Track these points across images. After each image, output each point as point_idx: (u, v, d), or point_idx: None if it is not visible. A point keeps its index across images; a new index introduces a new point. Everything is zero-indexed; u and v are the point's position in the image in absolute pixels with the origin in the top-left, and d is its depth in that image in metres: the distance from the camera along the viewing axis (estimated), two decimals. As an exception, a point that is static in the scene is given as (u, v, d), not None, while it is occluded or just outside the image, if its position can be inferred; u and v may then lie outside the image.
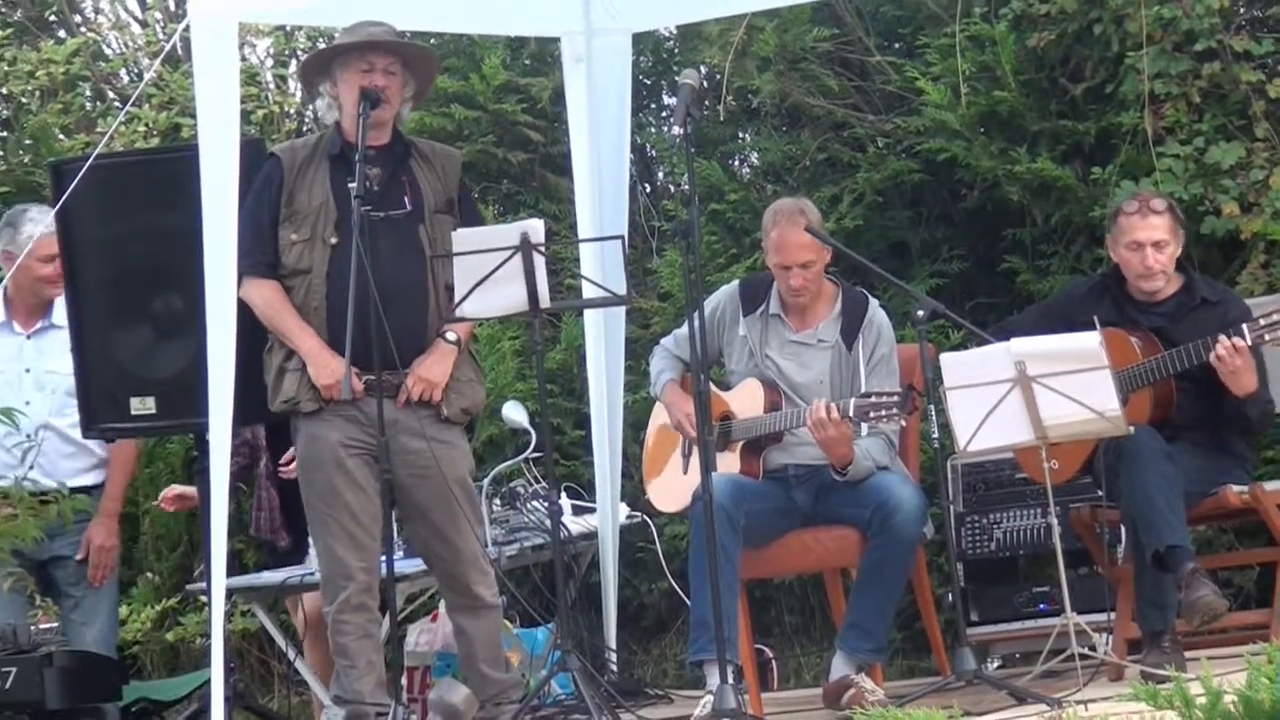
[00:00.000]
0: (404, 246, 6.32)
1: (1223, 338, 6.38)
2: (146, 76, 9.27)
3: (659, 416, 7.21)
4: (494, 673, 6.52)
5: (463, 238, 6.17)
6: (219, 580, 6.06)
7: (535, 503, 7.50)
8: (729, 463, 6.90)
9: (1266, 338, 6.38)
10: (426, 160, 6.50)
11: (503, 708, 6.46)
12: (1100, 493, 6.66)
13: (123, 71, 10.18)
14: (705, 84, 8.77)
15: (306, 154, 6.44)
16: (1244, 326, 6.38)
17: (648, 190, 9.41)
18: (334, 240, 6.28)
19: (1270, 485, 6.70)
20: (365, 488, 6.29)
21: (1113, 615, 6.74)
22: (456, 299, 6.15)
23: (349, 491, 6.27)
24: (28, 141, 9.91)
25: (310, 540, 6.93)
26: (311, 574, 7.18)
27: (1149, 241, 6.68)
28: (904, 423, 6.70)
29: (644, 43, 8.97)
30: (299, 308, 6.35)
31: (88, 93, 10.05)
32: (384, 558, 6.26)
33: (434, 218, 6.41)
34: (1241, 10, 8.05)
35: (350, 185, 6.15)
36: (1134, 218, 6.69)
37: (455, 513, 6.38)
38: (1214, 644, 6.68)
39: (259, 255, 6.37)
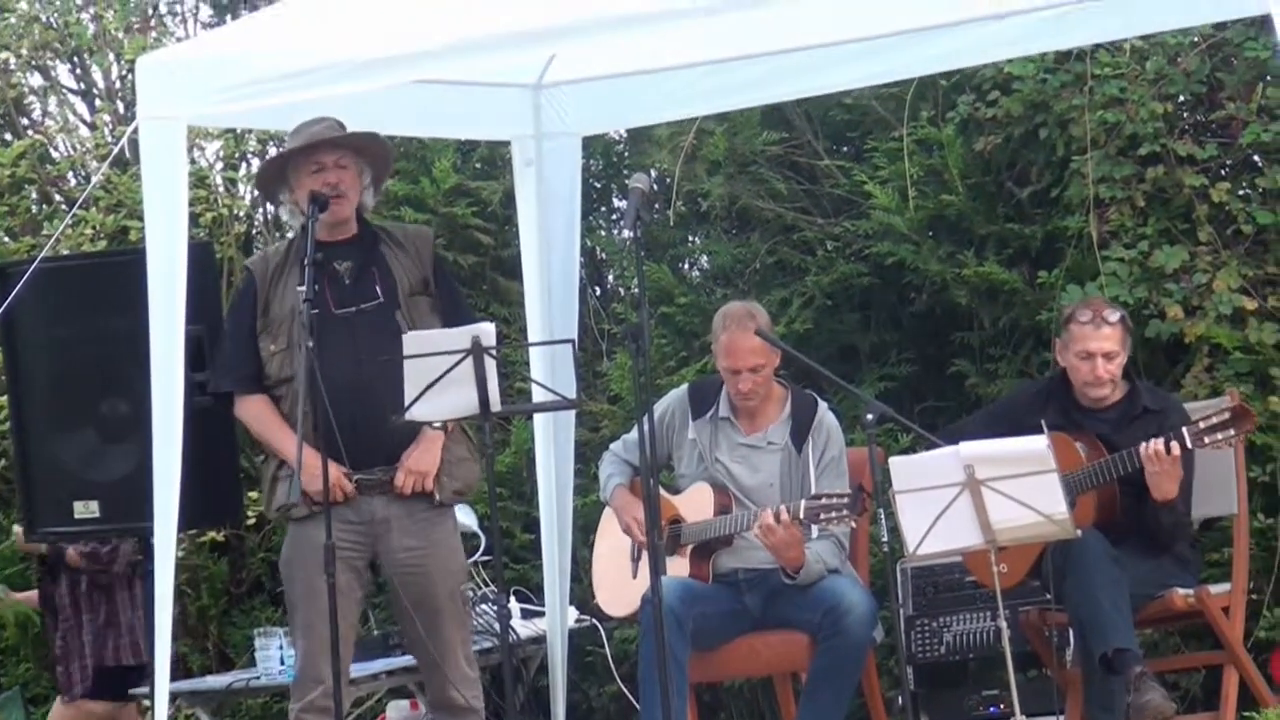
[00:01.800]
0: (381, 336, 6.30)
1: (1161, 440, 6.41)
2: (94, 179, 9.25)
3: (608, 521, 7.19)
4: None
5: (413, 340, 6.15)
6: (163, 684, 6.01)
7: (484, 606, 7.47)
8: (679, 566, 6.88)
9: (1205, 440, 6.40)
10: (398, 244, 6.50)
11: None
12: (1048, 596, 6.67)
13: (70, 174, 10.16)
14: (655, 187, 8.81)
15: (279, 261, 6.44)
16: (1184, 430, 6.41)
17: (598, 293, 9.42)
18: (310, 344, 6.23)
19: (1215, 589, 6.72)
20: (345, 592, 6.23)
21: (1062, 718, 6.73)
22: (406, 401, 6.12)
23: (328, 593, 6.21)
24: (-28, 243, 9.88)
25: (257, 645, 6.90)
26: (258, 678, 7.12)
27: (1100, 352, 6.71)
28: (854, 524, 6.70)
29: (594, 146, 9.01)
30: (287, 416, 6.33)
31: (34, 195, 10.03)
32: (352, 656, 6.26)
33: (410, 301, 6.41)
34: (1185, 115, 8.12)
35: (299, 289, 6.14)
36: (1087, 327, 6.72)
37: (440, 610, 6.36)
38: (1162, 748, 6.67)
39: (242, 370, 6.40)
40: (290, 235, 6.61)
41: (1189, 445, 6.40)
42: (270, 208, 9.83)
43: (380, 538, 6.33)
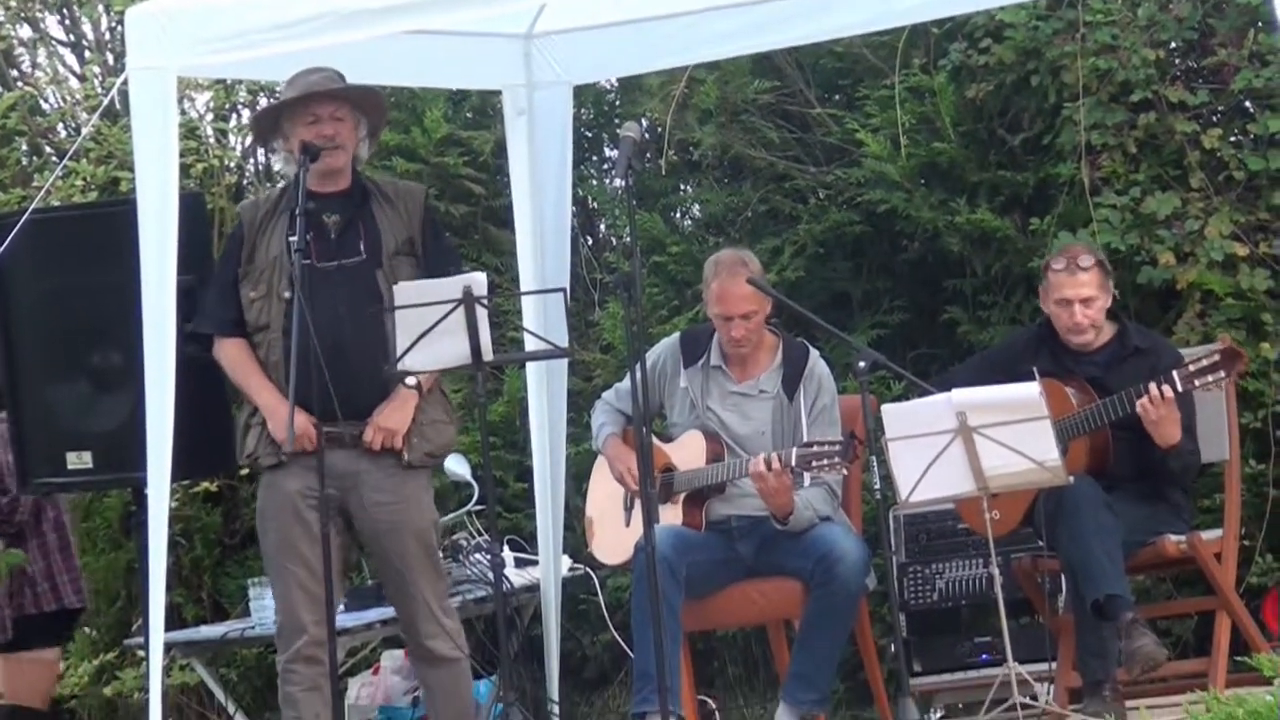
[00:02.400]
0: (361, 294, 6.29)
1: (1152, 387, 6.42)
2: (84, 130, 9.22)
3: (601, 469, 7.20)
4: None
5: (405, 291, 6.15)
6: (157, 634, 6.02)
7: (478, 555, 7.48)
8: (671, 514, 6.90)
9: (1196, 384, 6.41)
10: (388, 200, 6.47)
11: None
12: (1041, 543, 6.68)
13: (60, 126, 10.13)
14: (646, 136, 8.80)
15: (268, 209, 6.42)
16: (1174, 374, 6.42)
17: (589, 243, 9.41)
18: (287, 294, 6.19)
19: (1207, 535, 6.74)
20: (319, 541, 6.22)
21: (1054, 665, 6.77)
22: (398, 352, 6.12)
23: (304, 543, 6.21)
24: (-38, 196, 9.84)
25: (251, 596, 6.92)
26: (252, 628, 7.14)
27: (1077, 298, 6.72)
28: (846, 471, 6.71)
29: (585, 95, 8.98)
30: (263, 363, 6.33)
31: (24, 147, 9.99)
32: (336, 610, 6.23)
33: (392, 260, 6.38)
34: (1177, 61, 8.11)
35: (291, 239, 6.14)
36: (1061, 275, 6.73)
37: (411, 565, 6.35)
38: (1153, 693, 6.71)
39: (223, 314, 6.38)
40: (283, 184, 6.58)
41: (1179, 389, 6.42)
42: (261, 159, 9.81)
43: (350, 491, 6.31)
